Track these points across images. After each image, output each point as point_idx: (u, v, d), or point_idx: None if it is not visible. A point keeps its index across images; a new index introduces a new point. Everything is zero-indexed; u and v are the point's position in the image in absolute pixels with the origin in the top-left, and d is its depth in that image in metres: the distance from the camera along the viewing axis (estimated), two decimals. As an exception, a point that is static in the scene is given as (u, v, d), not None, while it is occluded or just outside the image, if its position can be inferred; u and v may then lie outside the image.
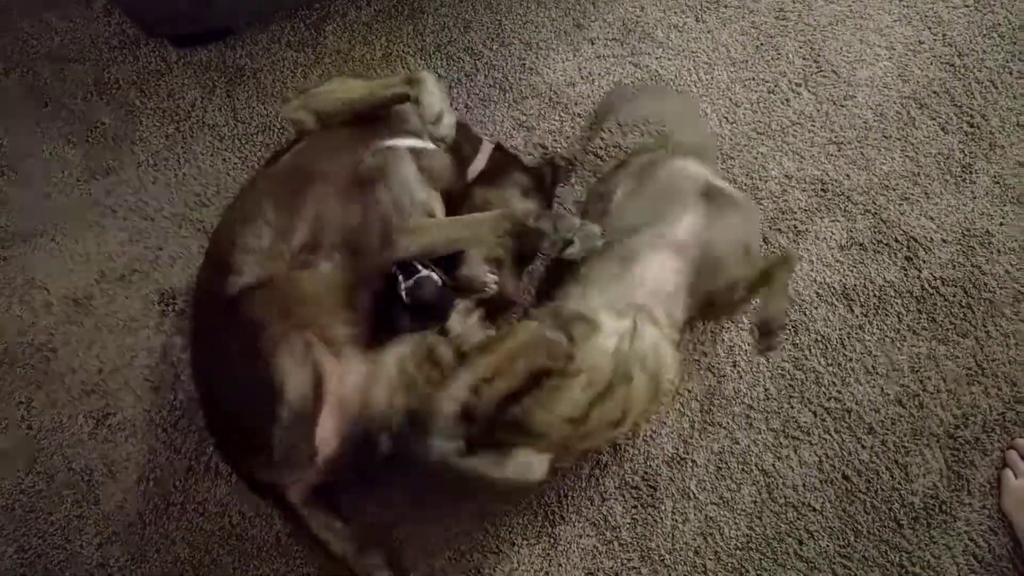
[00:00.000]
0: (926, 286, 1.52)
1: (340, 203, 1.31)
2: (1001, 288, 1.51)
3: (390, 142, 1.39)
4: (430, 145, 1.39)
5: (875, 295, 1.52)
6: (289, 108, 1.43)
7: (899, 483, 1.40)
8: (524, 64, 1.75)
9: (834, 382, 1.47)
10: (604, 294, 1.26)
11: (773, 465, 1.43)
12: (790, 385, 1.47)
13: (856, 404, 1.45)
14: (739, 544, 1.39)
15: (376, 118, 1.41)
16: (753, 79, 1.71)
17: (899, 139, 1.64)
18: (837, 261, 1.55)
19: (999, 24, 1.72)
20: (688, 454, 1.44)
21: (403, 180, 1.36)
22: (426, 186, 1.39)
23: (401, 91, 1.34)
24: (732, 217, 1.32)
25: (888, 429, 1.43)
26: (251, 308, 1.22)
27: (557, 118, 1.70)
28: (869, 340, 1.49)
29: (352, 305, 1.29)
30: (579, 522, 1.41)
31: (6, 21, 1.87)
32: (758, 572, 1.37)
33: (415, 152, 1.39)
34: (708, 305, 1.31)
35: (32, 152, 1.76)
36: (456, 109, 1.71)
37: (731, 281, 1.28)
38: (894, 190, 1.60)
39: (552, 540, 1.40)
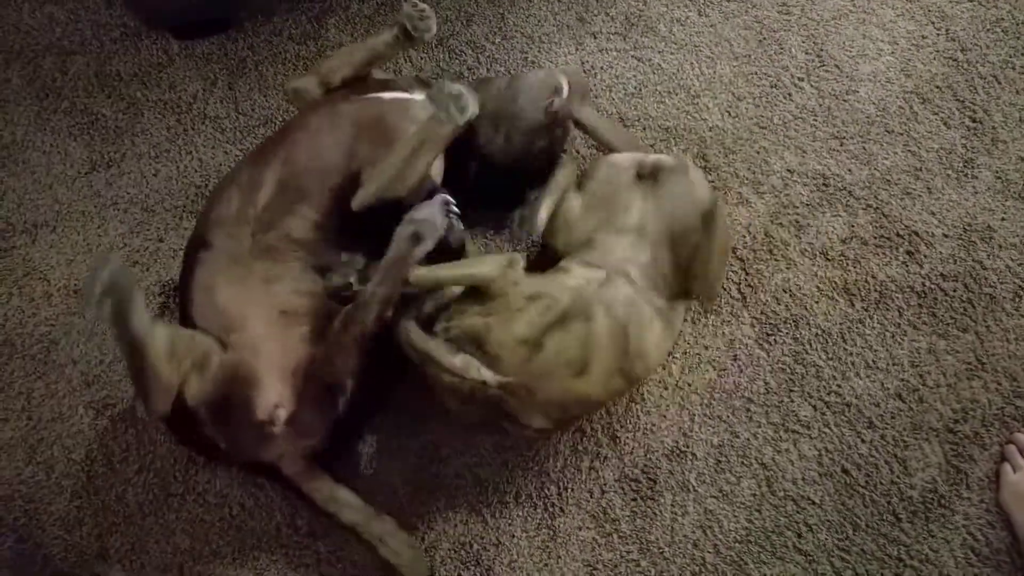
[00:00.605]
0: (927, 281, 1.52)
1: (313, 144, 1.35)
2: (1002, 283, 1.51)
3: (382, 95, 1.43)
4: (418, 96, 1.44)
5: (876, 290, 1.52)
6: (293, 81, 1.49)
7: (898, 477, 1.40)
8: (527, 58, 1.75)
9: (834, 376, 1.47)
10: (578, 259, 1.32)
11: (773, 459, 1.43)
12: (790, 379, 1.47)
13: (856, 398, 1.45)
14: (738, 537, 1.39)
15: (372, 82, 1.46)
16: (756, 73, 1.71)
17: (901, 134, 1.64)
18: (839, 255, 1.55)
19: (1002, 19, 1.72)
20: (688, 447, 1.44)
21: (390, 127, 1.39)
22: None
23: (393, 32, 1.45)
24: (675, 186, 1.35)
25: (888, 423, 1.43)
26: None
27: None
28: (870, 334, 1.49)
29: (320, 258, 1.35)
30: (578, 514, 1.41)
31: (7, 13, 1.88)
32: (757, 565, 1.37)
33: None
34: (688, 279, 1.34)
35: (33, 144, 1.77)
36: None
37: (695, 248, 1.32)
38: (896, 185, 1.60)
39: (552, 532, 1.41)
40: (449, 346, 1.24)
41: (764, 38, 1.74)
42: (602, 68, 1.73)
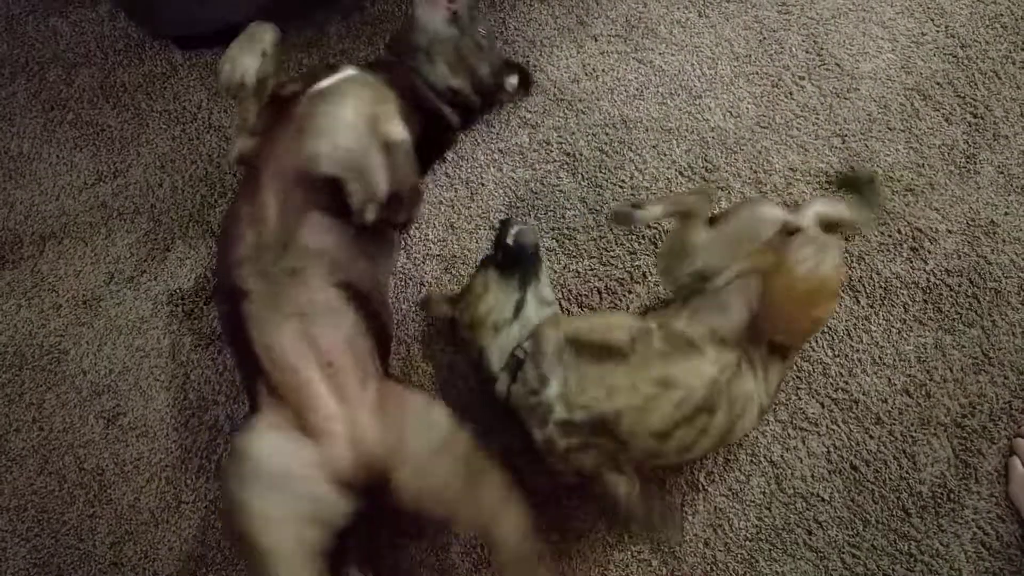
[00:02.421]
0: (932, 277, 1.53)
1: (287, 150, 1.33)
2: (1007, 277, 1.51)
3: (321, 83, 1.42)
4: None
5: (881, 286, 1.53)
6: (232, 153, 1.44)
7: (907, 472, 1.41)
8: (528, 61, 1.76)
9: (841, 373, 1.47)
10: (706, 324, 1.23)
11: (781, 456, 1.43)
12: (797, 376, 1.48)
13: (863, 394, 1.46)
14: (748, 535, 1.39)
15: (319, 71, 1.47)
16: (756, 73, 1.72)
17: (903, 131, 1.64)
18: (844, 253, 1.55)
19: (1002, 15, 1.72)
20: (696, 446, 1.45)
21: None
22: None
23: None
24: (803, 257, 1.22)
25: (895, 419, 1.44)
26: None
27: (561, 114, 1.71)
28: (876, 331, 1.50)
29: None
30: (589, 514, 1.42)
31: (13, 27, 1.89)
32: (768, 562, 1.37)
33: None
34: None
35: (40, 156, 1.78)
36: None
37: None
38: (899, 181, 1.60)
39: (562, 533, 1.41)
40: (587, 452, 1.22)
41: (764, 38, 1.74)
42: (603, 71, 1.74)
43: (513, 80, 1.67)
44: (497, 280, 1.36)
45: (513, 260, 1.35)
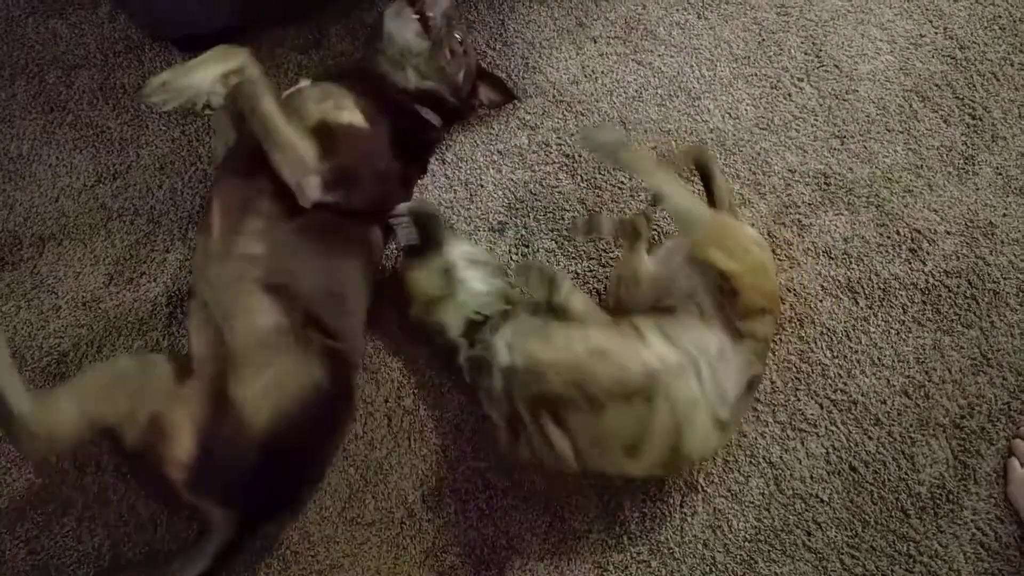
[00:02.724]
0: (931, 278, 1.53)
1: (235, 166, 1.44)
2: (1005, 279, 1.52)
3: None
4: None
5: (880, 287, 1.53)
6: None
7: (906, 473, 1.41)
8: (527, 63, 1.76)
9: (840, 374, 1.48)
10: (654, 319, 1.30)
11: (780, 457, 1.43)
12: (796, 378, 1.48)
13: (862, 396, 1.46)
14: (748, 536, 1.39)
15: None
16: (755, 75, 1.72)
17: (901, 132, 1.65)
18: (842, 254, 1.56)
19: (1000, 16, 1.73)
20: (696, 448, 1.45)
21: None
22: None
23: None
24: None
25: (894, 420, 1.44)
26: None
27: (561, 116, 1.71)
28: (874, 332, 1.50)
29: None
30: (588, 516, 1.42)
31: (12, 29, 1.89)
32: (767, 563, 1.37)
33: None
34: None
35: (39, 158, 1.78)
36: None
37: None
38: (897, 183, 1.61)
39: (562, 534, 1.41)
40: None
41: (763, 40, 1.75)
42: (603, 72, 1.75)
43: (489, 93, 1.66)
44: (413, 261, 1.45)
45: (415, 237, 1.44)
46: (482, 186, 1.67)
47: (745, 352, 1.27)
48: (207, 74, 1.29)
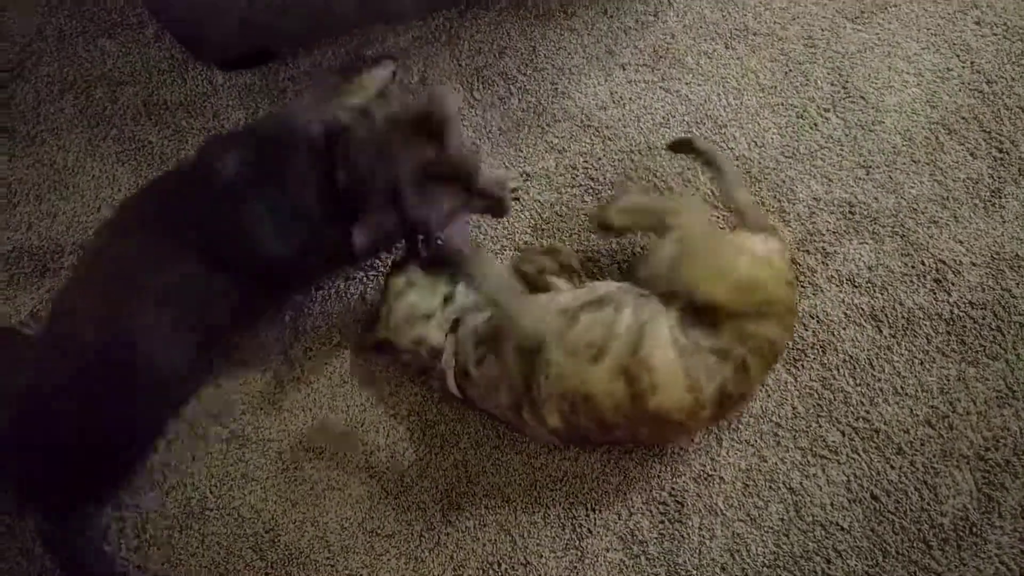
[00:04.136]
0: (955, 309, 1.53)
1: None
2: (1031, 311, 1.51)
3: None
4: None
5: (904, 316, 1.53)
6: None
7: (928, 504, 1.40)
8: (557, 88, 1.80)
9: (862, 402, 1.47)
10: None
11: (801, 483, 1.43)
12: (818, 404, 1.48)
13: (885, 424, 1.46)
14: (766, 562, 1.39)
15: None
16: (782, 104, 1.74)
17: (927, 164, 1.66)
18: (866, 282, 1.56)
19: (1027, 52, 1.74)
20: (715, 471, 1.45)
21: None
22: None
23: None
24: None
25: (917, 450, 1.43)
26: None
27: (588, 140, 1.74)
28: (898, 361, 1.50)
29: None
30: (606, 536, 1.42)
31: (63, 46, 1.97)
32: (786, 589, 1.37)
33: None
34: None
35: (83, 169, 1.84)
36: (490, 132, 1.76)
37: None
38: (923, 213, 1.61)
39: (579, 553, 1.42)
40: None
41: (790, 70, 1.77)
42: (631, 99, 1.78)
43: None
44: (422, 278, 1.49)
45: (441, 259, 1.49)
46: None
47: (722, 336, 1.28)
48: None
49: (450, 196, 1.40)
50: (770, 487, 1.43)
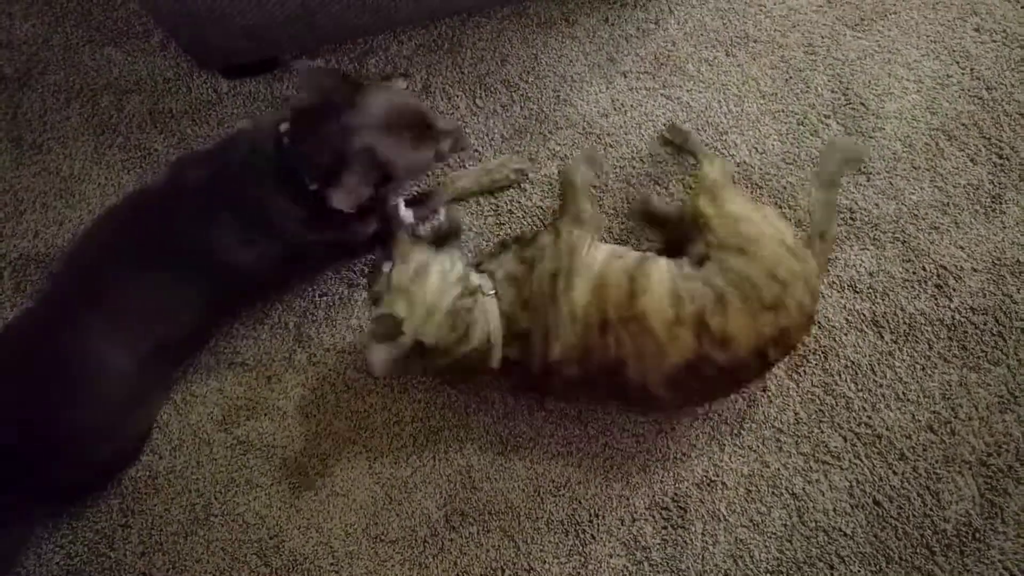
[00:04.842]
0: (957, 314, 1.53)
1: None
2: (1033, 317, 1.52)
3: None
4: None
5: (905, 322, 1.54)
6: None
7: (931, 510, 1.40)
8: (559, 96, 1.82)
9: (864, 408, 1.48)
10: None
11: (803, 489, 1.44)
12: (820, 410, 1.49)
13: (887, 430, 1.46)
14: (769, 567, 1.39)
15: None
16: (782, 111, 1.75)
17: (928, 170, 1.66)
18: (868, 288, 1.57)
19: (1027, 58, 1.75)
20: (718, 477, 1.46)
21: None
22: None
23: None
24: None
25: (919, 455, 1.44)
26: None
27: (590, 147, 1.75)
28: (900, 367, 1.50)
29: None
30: (609, 541, 1.43)
31: (69, 55, 1.99)
32: (789, 595, 1.37)
33: None
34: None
35: (89, 177, 1.86)
36: (492, 139, 1.77)
37: None
38: (923, 219, 1.62)
39: (583, 559, 1.42)
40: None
41: (790, 77, 1.78)
42: (632, 106, 1.79)
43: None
44: (438, 257, 1.43)
45: (445, 236, 1.57)
46: (511, 212, 1.71)
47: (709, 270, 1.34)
48: None
49: (412, 140, 1.43)
50: (773, 493, 1.44)
